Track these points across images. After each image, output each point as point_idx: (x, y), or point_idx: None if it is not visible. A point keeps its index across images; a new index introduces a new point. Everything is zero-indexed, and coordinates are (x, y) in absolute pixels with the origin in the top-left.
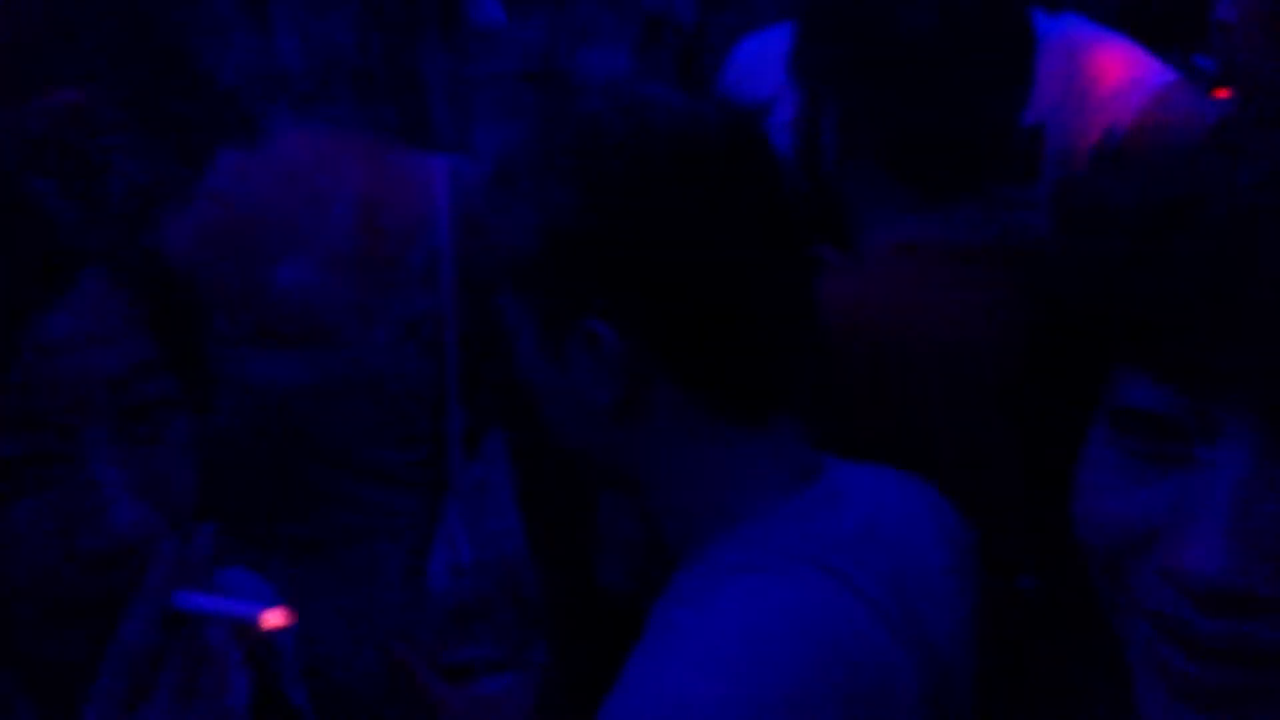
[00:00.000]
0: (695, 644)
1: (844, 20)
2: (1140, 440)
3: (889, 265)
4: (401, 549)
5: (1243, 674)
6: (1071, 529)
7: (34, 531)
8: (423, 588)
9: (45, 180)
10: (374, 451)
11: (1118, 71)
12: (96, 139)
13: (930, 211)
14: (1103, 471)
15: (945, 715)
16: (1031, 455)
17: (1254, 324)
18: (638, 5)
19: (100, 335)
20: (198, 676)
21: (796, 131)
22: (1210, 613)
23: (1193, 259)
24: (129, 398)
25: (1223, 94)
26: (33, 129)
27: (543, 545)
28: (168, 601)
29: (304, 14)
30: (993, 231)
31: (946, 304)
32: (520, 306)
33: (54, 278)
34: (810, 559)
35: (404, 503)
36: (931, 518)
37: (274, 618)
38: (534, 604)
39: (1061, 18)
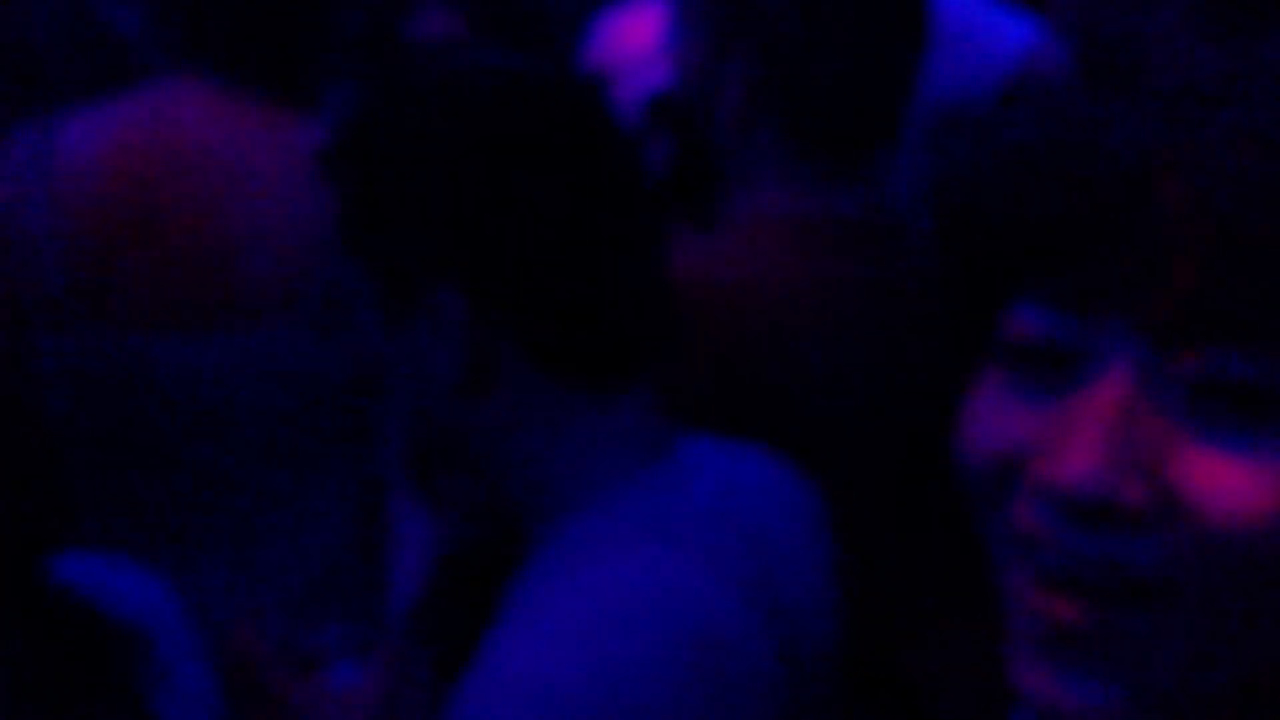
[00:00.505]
0: (550, 621)
1: None
2: (1028, 370)
3: (770, 235)
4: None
5: (1103, 610)
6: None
7: None
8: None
9: None
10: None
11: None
12: None
13: (823, 181)
14: (989, 401)
15: (806, 683)
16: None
17: (1136, 240)
18: None
19: None
20: None
21: (686, 93)
22: (1080, 525)
23: (1086, 181)
24: None
25: None
26: None
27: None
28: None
29: None
30: (873, 203)
31: (824, 278)
32: (361, 272)
33: None
34: (662, 532)
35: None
36: (783, 490)
37: None
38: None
39: None
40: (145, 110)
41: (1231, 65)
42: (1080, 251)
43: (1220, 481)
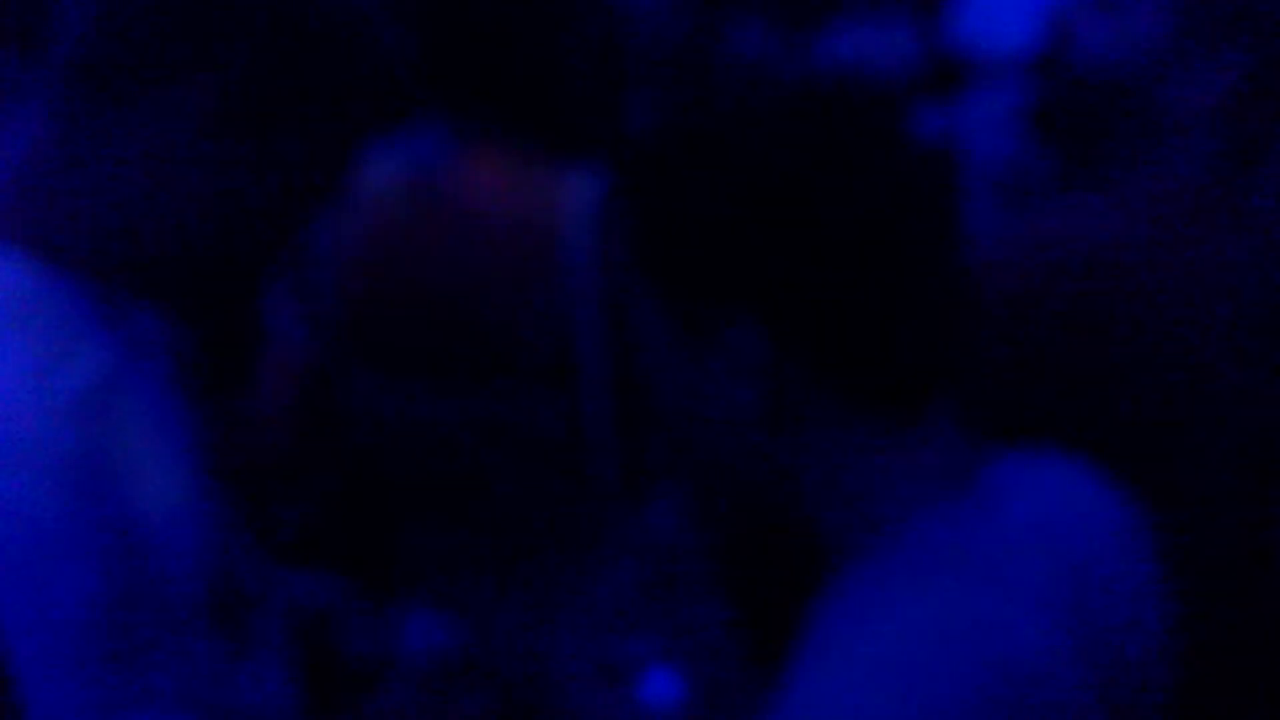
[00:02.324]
0: (855, 658)
1: None
2: None
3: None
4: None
5: None
6: None
7: None
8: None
9: None
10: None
11: None
12: None
13: None
14: None
15: (1126, 716)
16: None
17: None
18: None
19: None
20: None
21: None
22: None
23: None
24: None
25: None
26: None
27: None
28: None
29: None
30: None
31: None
32: (654, 305)
33: None
34: (969, 565)
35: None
36: (1103, 510)
37: None
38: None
39: None
40: (409, 157)
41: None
42: None
43: None
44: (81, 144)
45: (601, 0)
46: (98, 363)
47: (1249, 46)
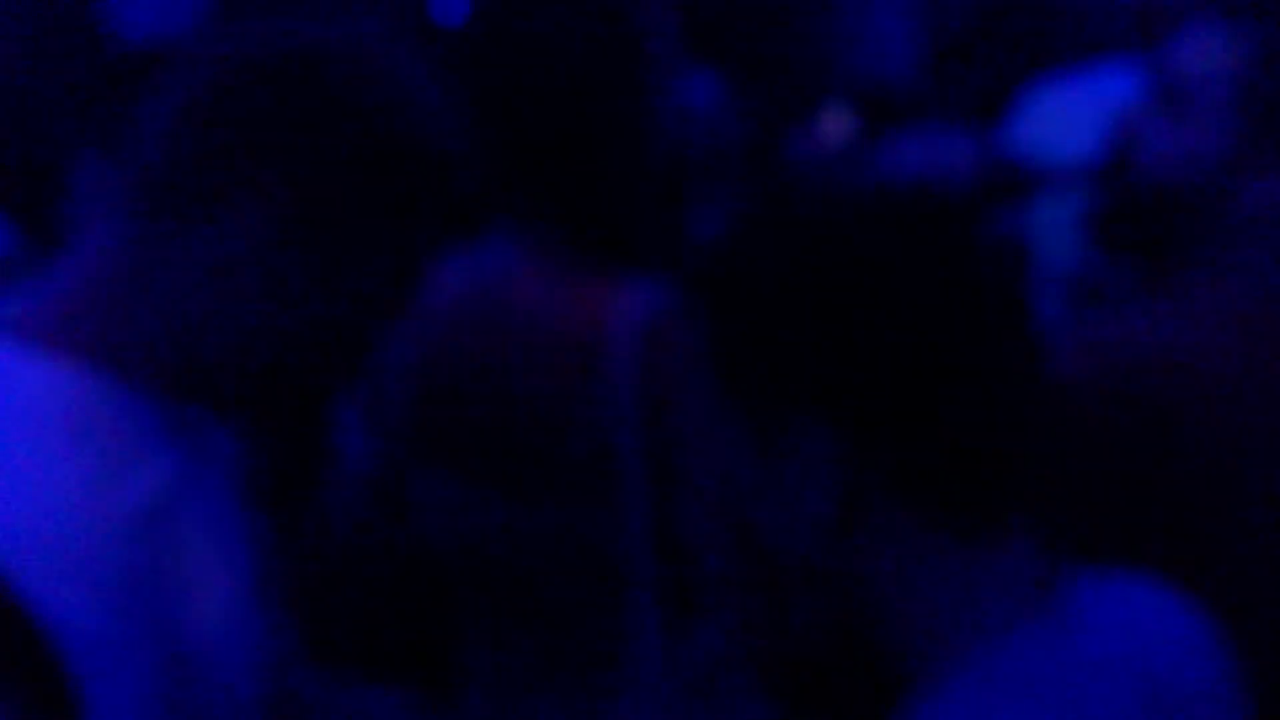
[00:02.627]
0: None
1: None
2: None
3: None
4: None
5: None
6: None
7: None
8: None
9: None
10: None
11: None
12: None
13: None
14: None
15: None
16: None
17: None
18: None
19: None
20: None
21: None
22: None
23: None
24: None
25: None
26: None
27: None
28: None
29: None
30: None
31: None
32: (725, 412)
33: None
34: (1046, 691)
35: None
36: (1186, 632)
37: None
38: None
39: None
40: (474, 268)
41: None
42: None
43: None
44: (151, 254)
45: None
46: (158, 477)
47: None
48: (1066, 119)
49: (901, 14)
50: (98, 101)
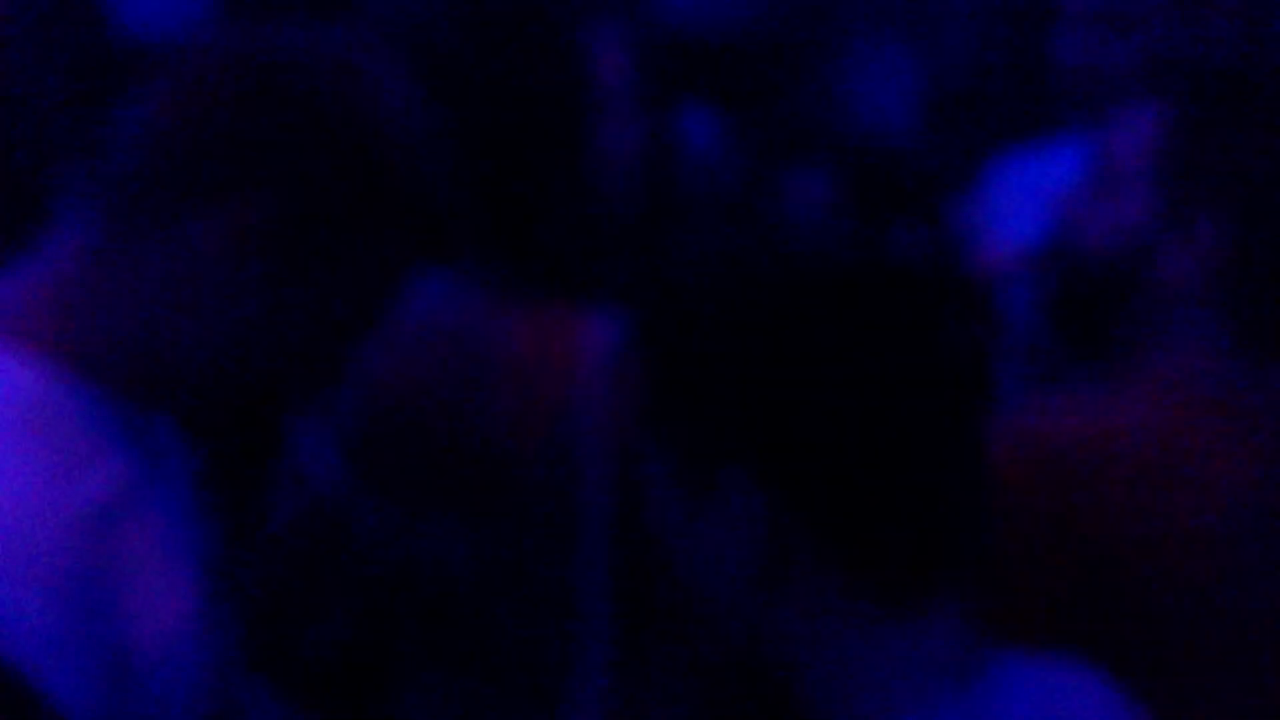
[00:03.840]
0: None
1: None
2: None
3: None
4: None
5: None
6: None
7: None
8: None
9: None
10: None
11: None
12: None
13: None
14: None
15: None
16: None
17: None
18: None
19: None
20: None
21: (1094, 245)
22: None
23: None
24: None
25: None
26: None
27: None
28: None
29: None
30: None
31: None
32: (659, 455)
33: None
34: None
35: None
36: (1101, 713)
37: None
38: None
39: None
40: (443, 294)
41: None
42: None
43: None
44: (116, 257)
45: (614, 152)
46: (111, 478)
47: (1229, 219)
48: (1011, 204)
49: (900, 69)
50: (92, 101)
